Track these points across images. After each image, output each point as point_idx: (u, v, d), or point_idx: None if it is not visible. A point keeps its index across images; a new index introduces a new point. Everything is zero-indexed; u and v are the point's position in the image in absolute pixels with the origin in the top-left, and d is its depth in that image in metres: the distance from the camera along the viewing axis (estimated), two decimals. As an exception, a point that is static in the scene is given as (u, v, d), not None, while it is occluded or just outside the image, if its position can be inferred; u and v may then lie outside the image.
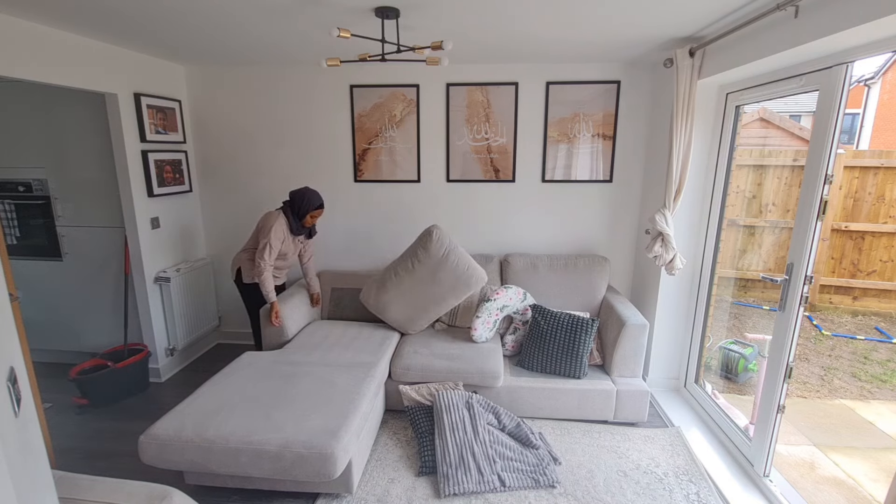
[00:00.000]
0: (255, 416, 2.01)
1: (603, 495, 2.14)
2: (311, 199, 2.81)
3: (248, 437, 1.88)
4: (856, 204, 4.63)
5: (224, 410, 2.05)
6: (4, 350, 0.96)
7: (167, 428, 1.94)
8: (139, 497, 1.35)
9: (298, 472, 1.85)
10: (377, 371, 2.50)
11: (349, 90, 3.31)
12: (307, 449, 1.84)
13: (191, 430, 1.92)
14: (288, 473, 1.86)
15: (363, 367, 2.50)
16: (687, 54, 2.42)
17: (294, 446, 1.85)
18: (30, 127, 3.04)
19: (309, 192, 2.82)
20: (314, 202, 2.82)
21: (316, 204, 2.83)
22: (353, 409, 2.09)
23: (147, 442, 1.91)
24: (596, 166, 3.31)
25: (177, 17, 2.20)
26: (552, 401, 2.67)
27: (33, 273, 3.26)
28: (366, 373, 2.44)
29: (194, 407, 2.08)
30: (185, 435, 1.91)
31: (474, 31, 2.38)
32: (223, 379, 2.34)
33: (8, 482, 0.89)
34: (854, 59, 1.76)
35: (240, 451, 1.86)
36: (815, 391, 3.46)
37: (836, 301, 4.80)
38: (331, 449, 1.84)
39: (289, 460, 1.84)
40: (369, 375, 2.42)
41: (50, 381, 3.11)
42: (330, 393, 2.21)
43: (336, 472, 1.86)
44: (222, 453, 1.87)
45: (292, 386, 2.27)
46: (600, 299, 3.15)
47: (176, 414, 2.03)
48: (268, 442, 1.86)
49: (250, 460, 1.86)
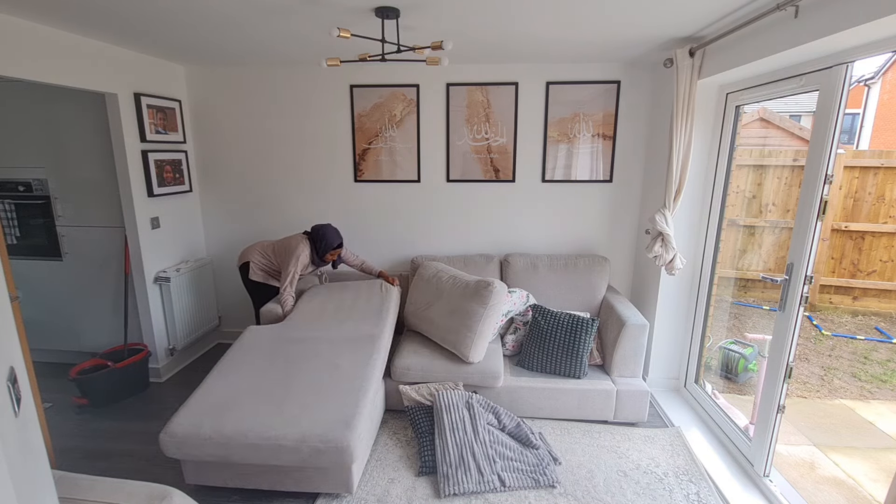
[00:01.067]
0: (267, 411, 2.05)
1: (603, 495, 2.14)
2: (330, 241, 2.88)
3: (265, 434, 1.93)
4: (856, 204, 4.63)
5: (236, 404, 2.09)
6: (4, 350, 0.96)
7: (184, 424, 1.98)
8: (139, 497, 1.35)
9: (317, 463, 1.93)
10: (381, 344, 2.55)
11: (349, 90, 3.31)
12: (324, 443, 1.90)
13: (208, 427, 1.97)
14: (307, 463, 1.94)
15: (367, 341, 2.54)
16: (687, 54, 2.42)
17: (311, 440, 1.91)
18: (30, 126, 3.04)
19: (329, 234, 2.88)
20: (332, 243, 2.89)
21: (334, 244, 2.89)
22: (363, 395, 2.15)
23: (167, 440, 1.96)
24: (596, 166, 3.31)
25: (177, 18, 2.19)
26: (552, 401, 2.67)
27: (33, 273, 3.26)
28: (371, 346, 2.50)
29: (206, 400, 2.12)
30: (204, 432, 1.95)
31: (474, 31, 2.38)
32: (229, 365, 2.37)
33: (8, 482, 0.89)
34: (854, 59, 1.76)
35: (259, 447, 1.92)
36: (815, 391, 3.46)
37: (836, 301, 4.80)
38: (346, 441, 1.91)
39: (306, 453, 1.91)
40: (375, 350, 2.47)
41: (50, 381, 3.12)
42: (337, 376, 2.26)
43: (353, 460, 1.92)
44: (241, 448, 1.93)
45: (298, 370, 2.31)
46: (600, 299, 3.15)
47: (190, 409, 2.07)
48: (285, 437, 1.92)
49: (271, 453, 1.93)
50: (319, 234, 2.89)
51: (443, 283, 2.91)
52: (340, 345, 2.51)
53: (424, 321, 2.92)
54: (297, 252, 2.83)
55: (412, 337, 3.00)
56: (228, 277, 3.75)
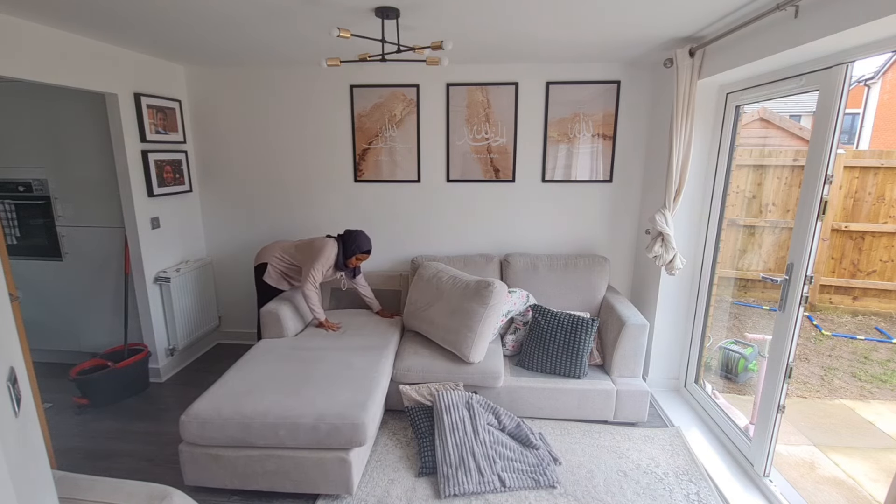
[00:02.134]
0: (286, 394, 2.18)
1: (603, 495, 2.14)
2: (361, 243, 2.94)
3: (284, 413, 2.05)
4: (856, 204, 4.63)
5: (255, 391, 2.21)
6: (4, 350, 0.96)
7: (206, 408, 2.07)
8: (139, 497, 1.35)
9: (332, 441, 2.03)
10: (388, 352, 2.71)
11: (349, 90, 3.31)
12: (340, 420, 2.02)
13: (229, 408, 2.07)
14: (322, 443, 2.04)
15: (376, 349, 2.70)
16: (687, 54, 2.42)
17: (328, 418, 2.03)
18: (30, 126, 3.04)
19: (361, 237, 2.95)
20: (363, 246, 2.95)
21: (364, 248, 2.95)
22: (375, 385, 2.31)
23: (188, 421, 2.03)
24: (596, 166, 3.31)
25: (177, 18, 2.20)
26: (552, 401, 2.67)
27: (33, 273, 3.26)
28: (379, 354, 2.65)
29: (226, 389, 2.22)
30: (225, 413, 2.05)
31: (474, 32, 2.38)
32: (246, 365, 2.49)
33: (8, 482, 0.89)
34: (854, 59, 1.76)
35: (278, 426, 2.02)
36: (815, 391, 3.46)
37: (836, 301, 4.80)
38: (361, 419, 2.03)
39: (324, 431, 2.02)
40: (383, 356, 2.63)
41: (50, 381, 3.12)
42: (350, 373, 2.40)
43: (366, 439, 2.05)
44: (261, 428, 2.03)
45: (314, 368, 2.44)
46: (600, 299, 3.15)
47: (210, 396, 2.16)
48: (303, 416, 2.04)
49: (288, 433, 2.03)
50: (352, 235, 2.96)
51: (443, 284, 2.91)
52: (352, 351, 2.66)
53: (424, 321, 2.92)
54: (326, 251, 2.87)
55: (412, 337, 3.00)
56: (228, 277, 3.75)
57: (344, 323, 3.08)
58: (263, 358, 2.57)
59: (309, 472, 2.06)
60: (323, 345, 2.74)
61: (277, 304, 2.92)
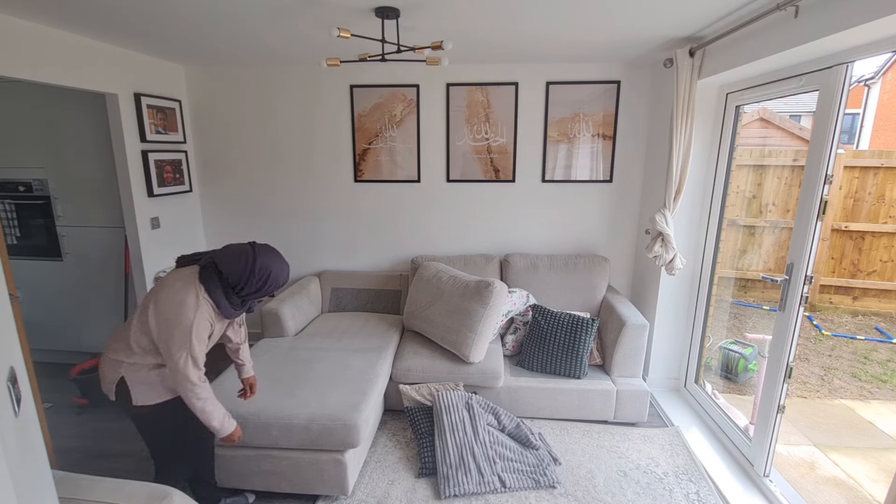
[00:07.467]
0: (281, 395, 2.19)
1: (603, 495, 2.14)
2: (278, 277, 1.70)
3: (277, 413, 2.06)
4: (856, 204, 4.63)
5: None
6: (4, 350, 0.96)
7: None
8: (139, 497, 1.35)
9: (325, 442, 2.03)
10: (387, 353, 2.71)
11: (349, 90, 3.31)
12: (332, 421, 2.03)
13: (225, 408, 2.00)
14: (315, 444, 2.04)
15: (375, 351, 2.70)
16: (687, 54, 2.42)
17: (320, 419, 2.03)
18: (30, 127, 3.04)
19: (275, 268, 1.68)
20: (280, 280, 1.71)
21: (281, 283, 1.73)
22: (370, 387, 2.31)
23: None
24: (596, 166, 3.31)
25: (177, 18, 2.19)
26: (552, 401, 2.67)
27: (33, 273, 3.25)
28: (378, 355, 2.65)
29: (222, 389, 2.22)
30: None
31: (474, 31, 2.37)
32: None
33: (8, 482, 0.89)
34: (854, 59, 1.76)
35: (271, 426, 2.04)
36: (815, 391, 3.46)
37: (836, 301, 4.80)
38: (353, 420, 2.03)
39: (316, 432, 2.02)
40: (381, 357, 2.63)
41: (50, 381, 3.11)
42: (348, 374, 2.40)
43: (359, 441, 2.04)
44: (255, 427, 2.04)
45: (311, 369, 2.45)
46: (600, 299, 3.14)
47: None
48: (296, 416, 2.05)
49: (281, 433, 2.04)
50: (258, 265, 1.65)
51: (443, 284, 2.92)
52: (351, 352, 2.67)
53: (424, 321, 2.92)
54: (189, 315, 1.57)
55: (412, 337, 3.00)
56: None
57: (344, 324, 3.07)
58: (261, 358, 2.57)
59: (304, 473, 2.07)
60: (322, 345, 2.74)
61: (278, 303, 2.92)
